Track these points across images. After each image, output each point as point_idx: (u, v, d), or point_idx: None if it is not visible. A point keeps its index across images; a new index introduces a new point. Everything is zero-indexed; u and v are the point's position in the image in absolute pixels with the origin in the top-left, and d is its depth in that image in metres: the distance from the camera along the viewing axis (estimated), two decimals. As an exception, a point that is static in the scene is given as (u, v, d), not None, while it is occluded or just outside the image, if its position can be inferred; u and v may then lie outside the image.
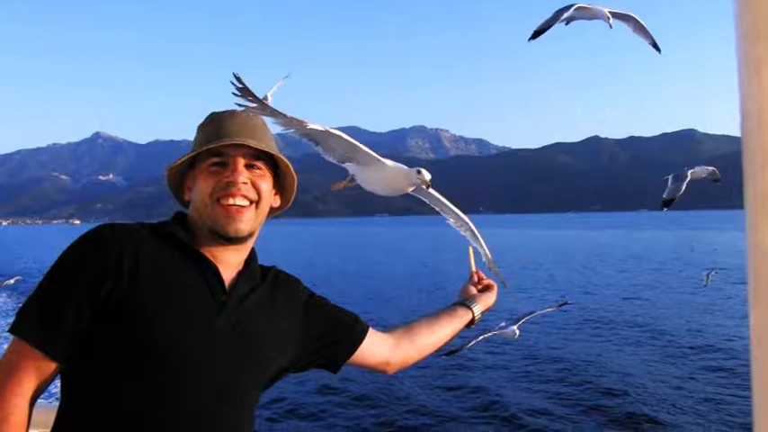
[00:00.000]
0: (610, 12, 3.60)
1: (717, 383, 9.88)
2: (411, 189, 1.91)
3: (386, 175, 1.89)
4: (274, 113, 1.50)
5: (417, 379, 10.01)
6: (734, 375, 10.31)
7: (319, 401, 9.32)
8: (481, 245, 2.05)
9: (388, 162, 1.89)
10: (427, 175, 1.84)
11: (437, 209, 2.12)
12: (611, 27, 3.63)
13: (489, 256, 2.05)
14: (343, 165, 2.07)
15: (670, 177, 4.60)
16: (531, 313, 6.49)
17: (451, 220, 2.10)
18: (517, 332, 6.12)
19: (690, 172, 4.54)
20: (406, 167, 1.89)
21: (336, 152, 1.87)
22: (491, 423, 8.37)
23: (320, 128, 1.64)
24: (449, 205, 2.04)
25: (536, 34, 3.69)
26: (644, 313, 16.63)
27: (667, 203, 4.65)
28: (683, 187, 4.48)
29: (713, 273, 16.43)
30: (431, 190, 1.92)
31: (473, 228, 2.04)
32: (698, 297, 19.14)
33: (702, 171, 4.58)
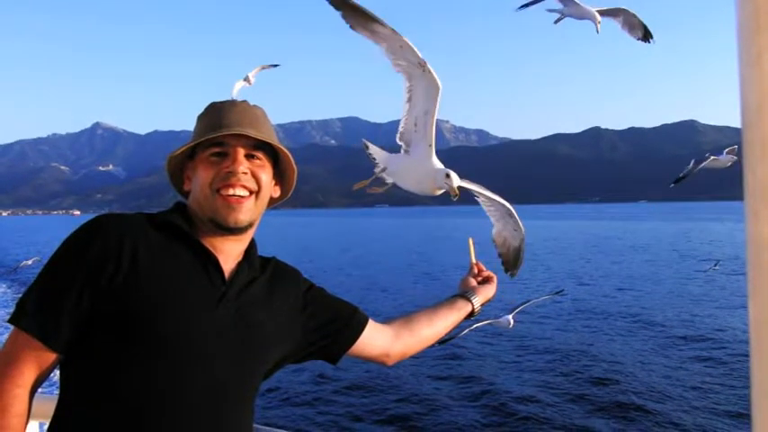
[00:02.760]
0: (598, 10, 3.57)
1: (705, 372, 10.04)
2: (439, 192, 1.84)
3: (422, 169, 1.84)
4: (373, 22, 1.62)
5: (410, 368, 10.08)
6: (721, 364, 10.48)
7: (312, 390, 9.41)
8: (516, 222, 2.07)
9: (433, 154, 1.85)
10: (455, 181, 1.79)
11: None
12: (598, 32, 3.61)
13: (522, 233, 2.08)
14: (378, 159, 2.03)
15: (692, 162, 4.82)
16: (526, 302, 6.50)
17: (483, 199, 2.10)
18: (512, 322, 6.13)
19: (712, 158, 4.69)
20: (438, 166, 1.84)
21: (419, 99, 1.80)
22: (482, 411, 8.47)
23: (419, 56, 1.70)
24: (479, 191, 2.00)
25: (525, 5, 3.70)
26: (637, 304, 16.77)
27: (678, 180, 4.84)
28: (701, 165, 4.66)
29: (718, 264, 16.49)
30: (464, 183, 1.87)
31: (509, 207, 2.05)
32: (691, 288, 19.30)
33: (728, 159, 4.67)
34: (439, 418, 8.23)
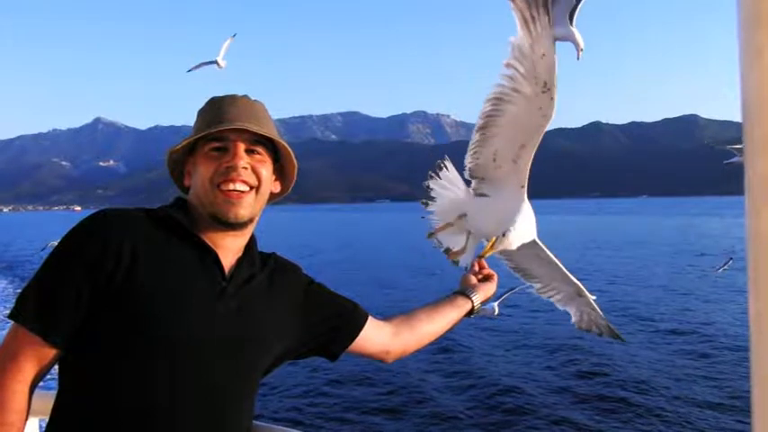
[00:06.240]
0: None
1: (692, 366, 10.11)
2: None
3: (507, 215, 1.62)
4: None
5: (400, 361, 10.10)
6: (703, 357, 10.57)
7: (304, 382, 9.46)
8: (589, 301, 1.86)
9: (524, 197, 1.64)
10: (507, 245, 1.64)
11: (519, 273, 1.91)
12: (578, 59, 3.59)
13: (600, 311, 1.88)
14: (441, 197, 1.83)
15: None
16: (511, 289, 6.49)
17: (538, 285, 1.91)
18: (497, 310, 6.13)
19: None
20: (519, 216, 1.64)
21: (537, 81, 1.44)
22: (471, 403, 8.57)
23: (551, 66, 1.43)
24: (556, 263, 1.77)
25: None
26: (628, 298, 16.77)
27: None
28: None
29: (728, 264, 16.41)
30: (538, 244, 1.71)
31: (580, 287, 1.83)
32: (684, 283, 19.40)
33: None
34: (428, 409, 8.31)
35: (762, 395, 0.41)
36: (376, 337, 1.58)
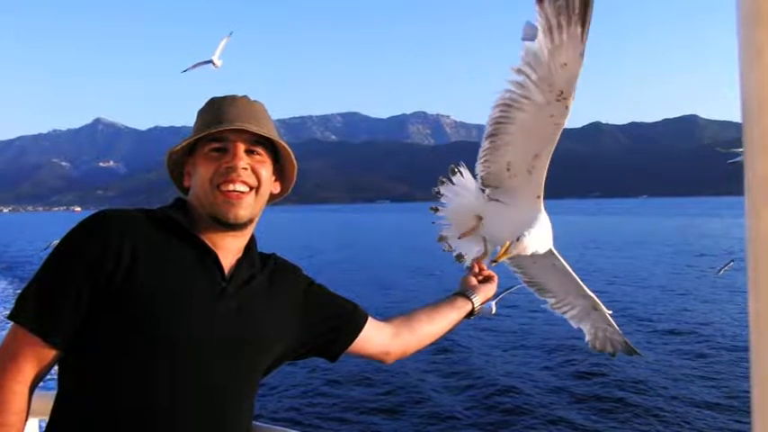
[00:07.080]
0: None
1: (690, 366, 10.12)
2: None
3: (524, 225, 1.59)
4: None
5: (399, 361, 10.12)
6: (700, 357, 10.58)
7: (302, 382, 9.46)
8: (605, 316, 1.84)
9: (542, 207, 1.61)
10: (521, 249, 1.61)
11: (533, 288, 1.89)
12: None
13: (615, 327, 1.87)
14: (453, 203, 1.80)
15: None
16: (509, 288, 6.47)
17: (552, 300, 1.90)
18: (494, 308, 6.13)
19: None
20: (534, 225, 1.61)
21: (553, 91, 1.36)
22: (469, 403, 8.60)
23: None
24: (572, 275, 1.75)
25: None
26: (627, 299, 16.75)
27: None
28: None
29: (728, 265, 16.42)
30: (553, 254, 1.71)
31: (596, 300, 1.80)
32: (682, 283, 19.42)
33: None
34: (427, 409, 8.33)
35: (762, 395, 0.41)
36: (376, 337, 1.58)
